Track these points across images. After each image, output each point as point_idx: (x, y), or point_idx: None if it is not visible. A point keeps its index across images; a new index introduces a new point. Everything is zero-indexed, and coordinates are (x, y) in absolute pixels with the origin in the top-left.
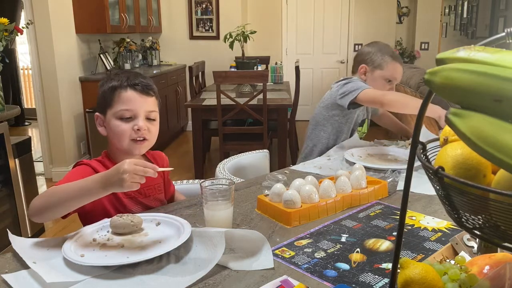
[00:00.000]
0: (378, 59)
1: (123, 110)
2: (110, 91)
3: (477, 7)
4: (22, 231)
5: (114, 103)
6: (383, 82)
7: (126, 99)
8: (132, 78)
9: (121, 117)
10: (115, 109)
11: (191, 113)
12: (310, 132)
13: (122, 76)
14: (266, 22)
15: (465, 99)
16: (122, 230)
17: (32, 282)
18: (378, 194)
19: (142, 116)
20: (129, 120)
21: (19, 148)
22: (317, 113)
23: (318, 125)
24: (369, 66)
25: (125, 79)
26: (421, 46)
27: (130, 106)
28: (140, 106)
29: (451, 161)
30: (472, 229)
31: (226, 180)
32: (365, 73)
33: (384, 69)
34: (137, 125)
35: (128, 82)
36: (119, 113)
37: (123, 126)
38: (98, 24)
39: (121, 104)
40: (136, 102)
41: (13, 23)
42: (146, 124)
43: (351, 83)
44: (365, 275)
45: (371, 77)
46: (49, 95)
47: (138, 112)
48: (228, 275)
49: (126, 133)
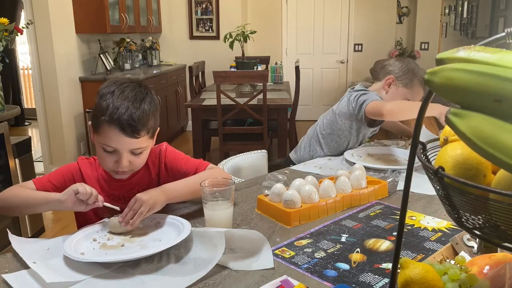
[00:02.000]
0: (408, 78)
1: (105, 145)
2: (99, 112)
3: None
4: (22, 231)
5: (99, 132)
6: (403, 100)
7: (109, 136)
8: (123, 113)
9: (103, 148)
10: (99, 138)
11: (191, 113)
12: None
13: (116, 101)
14: (266, 22)
15: (465, 99)
16: (121, 229)
17: (32, 282)
18: (378, 194)
19: (126, 153)
20: (111, 153)
21: (19, 148)
22: (332, 120)
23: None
24: (397, 81)
25: (115, 111)
26: (421, 46)
27: (113, 144)
28: (123, 145)
29: (451, 161)
30: (472, 229)
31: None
32: (390, 84)
33: (410, 89)
34: (118, 162)
35: (116, 117)
36: (101, 144)
37: (105, 156)
38: (98, 24)
39: (104, 138)
40: (119, 142)
41: (13, 23)
42: (129, 158)
43: (365, 95)
44: (365, 275)
45: (394, 90)
46: (49, 95)
47: (121, 150)
48: (228, 275)
49: (107, 163)
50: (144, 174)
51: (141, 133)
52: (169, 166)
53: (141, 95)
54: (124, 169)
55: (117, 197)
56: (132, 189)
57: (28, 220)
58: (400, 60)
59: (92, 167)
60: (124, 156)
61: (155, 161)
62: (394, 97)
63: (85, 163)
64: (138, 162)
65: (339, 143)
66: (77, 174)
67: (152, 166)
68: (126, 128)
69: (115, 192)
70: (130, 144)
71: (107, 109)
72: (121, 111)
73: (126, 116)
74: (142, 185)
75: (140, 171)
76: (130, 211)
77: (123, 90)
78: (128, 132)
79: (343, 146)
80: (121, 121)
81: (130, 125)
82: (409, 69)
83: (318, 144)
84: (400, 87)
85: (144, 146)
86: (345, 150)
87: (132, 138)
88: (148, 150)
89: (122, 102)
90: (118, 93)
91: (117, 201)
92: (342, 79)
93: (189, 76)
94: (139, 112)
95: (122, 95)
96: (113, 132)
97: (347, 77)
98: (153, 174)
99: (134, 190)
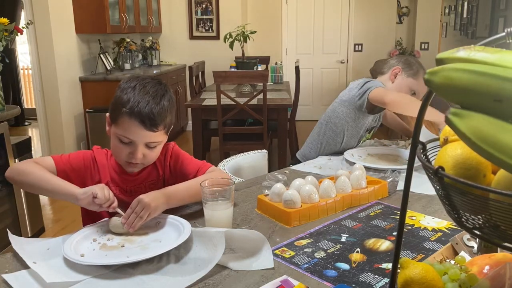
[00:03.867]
0: (415, 69)
1: (122, 136)
2: (120, 105)
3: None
4: (22, 231)
5: (118, 123)
6: (408, 90)
7: (128, 127)
8: (144, 106)
9: (120, 139)
10: (117, 129)
11: (191, 113)
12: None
13: (137, 96)
14: (266, 22)
15: (465, 99)
16: (121, 230)
17: (32, 282)
18: (378, 194)
19: (141, 146)
20: (127, 144)
21: (19, 148)
22: (330, 110)
23: (329, 123)
24: (404, 72)
25: (136, 104)
26: (421, 46)
27: (131, 136)
28: (141, 138)
29: (451, 161)
30: (472, 229)
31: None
32: (396, 74)
33: (416, 80)
34: (133, 153)
35: (137, 110)
36: (119, 135)
37: (120, 147)
38: (98, 24)
39: (123, 130)
40: (137, 134)
41: (13, 23)
42: (144, 151)
43: (369, 82)
44: (365, 275)
45: (401, 80)
46: (49, 95)
47: (137, 142)
48: (228, 275)
49: (122, 154)
50: (151, 171)
51: (159, 127)
52: (173, 166)
53: (161, 92)
54: (137, 161)
55: (124, 190)
56: (140, 183)
57: (28, 220)
58: (404, 56)
59: (106, 157)
60: (139, 148)
61: (161, 159)
62: (401, 86)
63: (100, 152)
64: (152, 156)
65: (336, 132)
66: (93, 161)
67: (159, 164)
68: (146, 121)
69: (124, 185)
70: (147, 137)
71: (128, 102)
72: (142, 104)
73: (147, 109)
74: (150, 181)
75: (148, 167)
76: (132, 213)
77: (145, 85)
78: (147, 125)
79: (340, 136)
80: (141, 114)
81: (150, 118)
82: (415, 61)
83: (317, 134)
84: (406, 77)
85: (159, 140)
86: (341, 141)
87: (150, 131)
88: (161, 146)
89: (143, 96)
90: (140, 87)
91: (123, 194)
92: (342, 79)
93: (189, 76)
94: (159, 107)
95: (143, 90)
96: (133, 124)
97: (347, 77)
98: (160, 171)
99: (142, 185)
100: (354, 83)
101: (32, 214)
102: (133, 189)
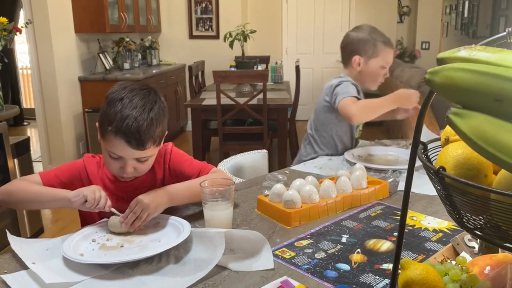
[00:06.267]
0: (371, 47)
1: (111, 152)
2: (106, 121)
3: (478, 7)
4: (21, 232)
5: (105, 139)
6: (378, 70)
7: (114, 145)
8: (130, 124)
9: (109, 155)
10: (106, 144)
11: (191, 113)
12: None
13: (124, 110)
14: (266, 22)
15: (466, 98)
16: (120, 229)
17: (31, 282)
18: (379, 194)
19: (131, 161)
20: (117, 159)
21: (18, 148)
22: (315, 118)
23: (317, 130)
24: (363, 57)
25: (122, 122)
26: (422, 46)
27: (118, 153)
28: (129, 155)
29: (452, 161)
30: (473, 230)
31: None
32: (359, 63)
33: (379, 56)
34: (124, 168)
35: (123, 129)
36: (108, 150)
37: (110, 161)
38: (97, 24)
39: (110, 146)
40: (125, 152)
41: (12, 22)
42: (135, 165)
43: (339, 87)
44: (365, 275)
45: (365, 67)
46: (48, 95)
47: (126, 158)
48: (228, 276)
49: (112, 168)
50: (148, 174)
51: (147, 146)
52: (172, 168)
53: (150, 104)
54: (129, 175)
55: (120, 197)
56: (135, 189)
57: (27, 220)
58: (354, 32)
59: (98, 166)
60: (129, 163)
61: (160, 161)
62: (371, 72)
63: (91, 161)
64: (143, 168)
65: (329, 134)
66: (83, 171)
67: (157, 167)
68: (132, 141)
69: (119, 192)
70: (135, 154)
71: (114, 119)
72: (127, 122)
73: (133, 128)
74: (146, 185)
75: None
76: (131, 213)
77: (132, 99)
78: (133, 145)
79: (334, 138)
80: (127, 134)
81: (136, 138)
82: (366, 37)
83: (315, 143)
84: (370, 60)
85: (149, 155)
86: (339, 140)
87: (137, 150)
88: (154, 157)
89: (130, 112)
90: (127, 101)
91: (120, 201)
92: None
93: (189, 75)
94: (146, 123)
95: (130, 104)
96: (119, 142)
97: None
98: (157, 174)
99: (138, 190)
100: (327, 89)
101: (31, 214)
102: (129, 195)
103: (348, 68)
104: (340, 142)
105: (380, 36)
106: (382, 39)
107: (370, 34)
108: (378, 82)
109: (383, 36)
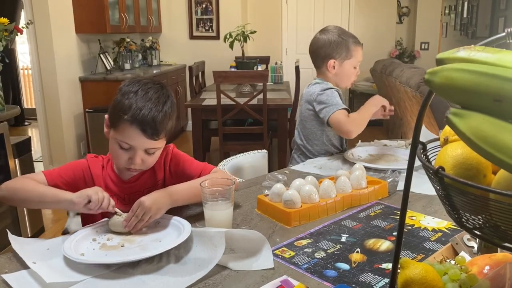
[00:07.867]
0: (344, 50)
1: (122, 142)
2: (120, 111)
3: (477, 7)
4: (22, 231)
5: (118, 129)
6: (352, 70)
7: (129, 134)
8: (146, 114)
9: (119, 145)
10: (117, 134)
11: (191, 113)
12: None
13: (139, 102)
14: (266, 22)
15: (465, 99)
16: (121, 229)
17: (32, 282)
18: (378, 194)
19: (140, 151)
20: (126, 150)
21: (19, 148)
22: (301, 128)
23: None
24: (337, 59)
25: (138, 111)
26: (421, 46)
27: (131, 142)
28: (141, 145)
29: (451, 161)
30: (472, 229)
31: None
32: (334, 67)
33: (352, 58)
34: (132, 159)
35: (139, 118)
36: (118, 140)
37: (120, 152)
38: (98, 24)
39: (122, 136)
40: (137, 141)
41: (13, 23)
42: (143, 156)
43: (324, 94)
44: (365, 275)
45: (340, 69)
46: (49, 95)
47: (136, 148)
48: (228, 275)
49: (121, 160)
50: (150, 176)
51: (160, 136)
52: (174, 169)
53: (164, 98)
54: (136, 166)
55: (122, 198)
56: (137, 190)
57: (28, 220)
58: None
59: (101, 166)
60: (138, 153)
61: (161, 162)
62: (345, 73)
63: (94, 161)
64: (150, 161)
65: (321, 141)
66: (87, 171)
67: (158, 168)
68: (148, 130)
69: (121, 193)
70: (147, 144)
71: (129, 109)
72: (144, 112)
73: (149, 118)
74: (147, 186)
75: (145, 173)
76: (133, 216)
77: (147, 91)
78: (148, 134)
79: (325, 143)
80: (143, 122)
81: (152, 127)
82: (337, 39)
83: (308, 152)
84: (344, 62)
85: (159, 146)
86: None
87: (151, 139)
88: (160, 150)
89: (145, 103)
90: (142, 93)
91: (121, 202)
92: None
93: (189, 76)
94: (161, 114)
95: (145, 96)
96: (134, 131)
97: None
98: (158, 176)
99: (139, 192)
100: (308, 97)
101: (32, 214)
102: (131, 196)
103: (323, 72)
104: (331, 145)
105: (350, 37)
106: (353, 39)
107: (341, 36)
108: (352, 81)
109: (353, 36)
